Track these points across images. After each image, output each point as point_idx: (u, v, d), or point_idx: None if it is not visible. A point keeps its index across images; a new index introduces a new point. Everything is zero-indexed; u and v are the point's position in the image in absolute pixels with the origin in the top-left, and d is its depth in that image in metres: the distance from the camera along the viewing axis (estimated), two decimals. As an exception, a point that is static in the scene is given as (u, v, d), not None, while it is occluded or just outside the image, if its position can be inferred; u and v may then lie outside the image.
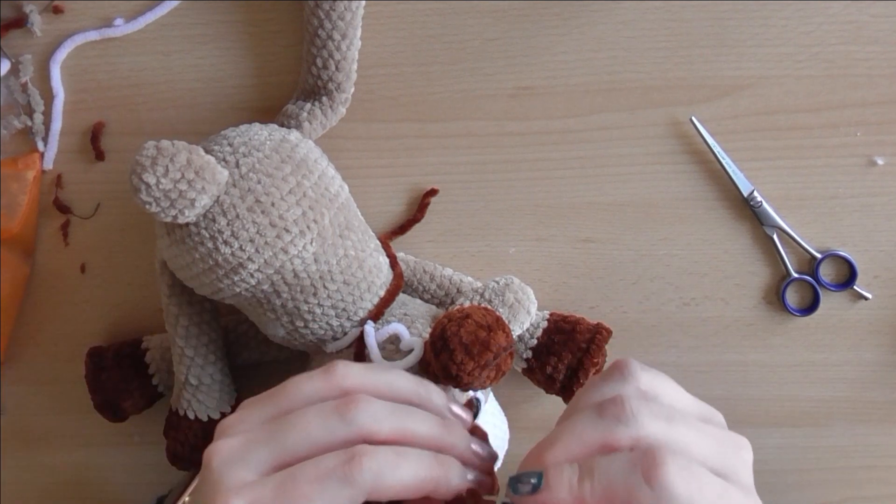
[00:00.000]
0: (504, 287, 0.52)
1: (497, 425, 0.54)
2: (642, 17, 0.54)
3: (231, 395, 0.55)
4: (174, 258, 0.48)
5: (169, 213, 0.45)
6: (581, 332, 0.53)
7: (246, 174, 0.46)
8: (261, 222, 0.46)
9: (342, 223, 0.49)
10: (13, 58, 0.56)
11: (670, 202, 0.56)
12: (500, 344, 0.45)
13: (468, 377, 0.45)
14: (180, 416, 0.54)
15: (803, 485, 0.59)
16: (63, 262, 0.58)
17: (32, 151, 0.57)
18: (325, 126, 0.53)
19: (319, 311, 0.49)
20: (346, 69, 0.52)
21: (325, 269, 0.48)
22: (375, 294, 0.51)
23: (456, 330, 0.45)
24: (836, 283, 0.57)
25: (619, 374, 0.39)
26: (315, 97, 0.53)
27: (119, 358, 0.56)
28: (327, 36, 0.51)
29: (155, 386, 0.56)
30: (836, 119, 0.55)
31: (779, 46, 0.55)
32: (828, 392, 0.58)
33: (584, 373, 0.53)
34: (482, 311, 0.46)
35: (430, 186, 0.56)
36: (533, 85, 0.55)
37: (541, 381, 0.54)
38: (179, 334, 0.52)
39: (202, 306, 0.52)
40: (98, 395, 0.56)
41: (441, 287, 0.55)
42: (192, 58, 0.56)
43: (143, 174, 0.44)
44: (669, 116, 0.55)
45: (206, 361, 0.53)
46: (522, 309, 0.52)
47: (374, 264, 0.51)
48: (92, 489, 0.61)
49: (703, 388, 0.58)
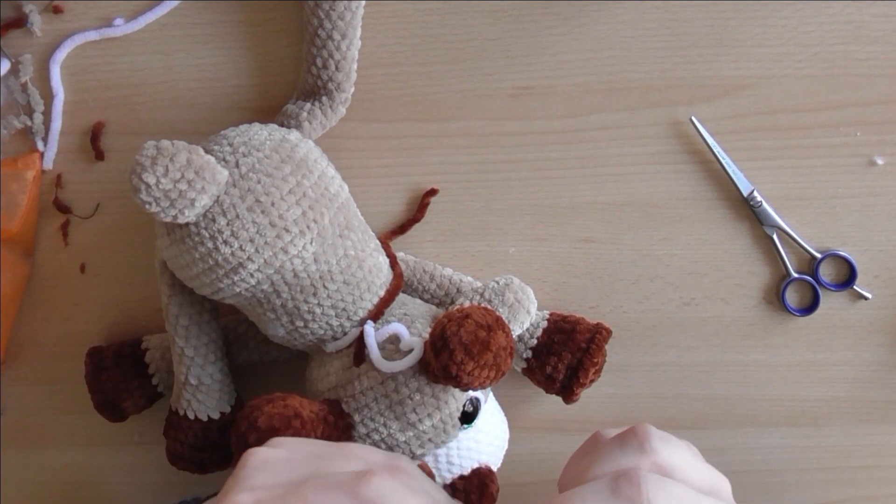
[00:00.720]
0: (504, 287, 0.52)
1: (497, 425, 0.54)
2: (642, 17, 0.54)
3: (231, 394, 0.55)
4: (174, 258, 0.48)
5: (169, 212, 0.45)
6: (581, 331, 0.53)
7: (246, 174, 0.46)
8: (261, 222, 0.46)
9: (342, 223, 0.49)
10: (13, 58, 0.56)
11: (670, 202, 0.56)
12: (499, 343, 0.45)
13: (468, 377, 0.45)
14: (180, 416, 0.54)
15: (803, 485, 0.59)
16: (63, 262, 0.58)
17: (32, 151, 0.57)
18: (324, 126, 0.53)
19: (319, 311, 0.49)
20: (346, 69, 0.52)
21: (325, 268, 0.48)
22: (375, 294, 0.51)
23: (456, 330, 0.45)
24: (836, 282, 0.57)
25: (636, 442, 0.38)
26: (315, 97, 0.53)
27: (119, 358, 0.56)
28: (327, 36, 0.51)
29: (155, 386, 0.56)
30: (836, 119, 0.55)
31: (779, 46, 0.55)
32: (828, 392, 0.58)
33: (584, 373, 0.53)
34: (482, 311, 0.46)
35: (430, 186, 0.56)
36: (533, 85, 0.55)
37: (541, 382, 0.54)
38: (179, 334, 0.52)
39: (202, 306, 0.52)
40: (98, 395, 0.56)
41: (441, 287, 0.55)
42: (192, 58, 0.56)
43: (142, 174, 0.44)
44: (669, 116, 0.55)
45: (205, 361, 0.53)
46: (522, 309, 0.52)
47: (374, 264, 0.51)
48: (92, 489, 0.61)
49: (703, 388, 0.58)
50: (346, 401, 0.49)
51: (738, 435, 0.59)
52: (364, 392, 0.49)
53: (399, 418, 0.48)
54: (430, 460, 0.51)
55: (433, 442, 0.50)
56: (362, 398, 0.49)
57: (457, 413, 0.49)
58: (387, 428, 0.49)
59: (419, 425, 0.49)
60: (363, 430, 0.49)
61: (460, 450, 0.51)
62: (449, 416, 0.49)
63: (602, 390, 0.58)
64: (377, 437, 0.49)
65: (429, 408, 0.48)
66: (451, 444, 0.50)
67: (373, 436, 0.49)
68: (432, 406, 0.48)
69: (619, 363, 0.58)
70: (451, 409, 0.49)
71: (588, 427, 0.58)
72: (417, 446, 0.49)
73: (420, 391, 0.48)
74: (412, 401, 0.48)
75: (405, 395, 0.48)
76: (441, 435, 0.49)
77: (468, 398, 0.50)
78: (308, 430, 0.45)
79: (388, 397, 0.48)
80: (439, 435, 0.49)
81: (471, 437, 0.51)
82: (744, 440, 0.59)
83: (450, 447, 0.51)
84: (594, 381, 0.54)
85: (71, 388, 0.59)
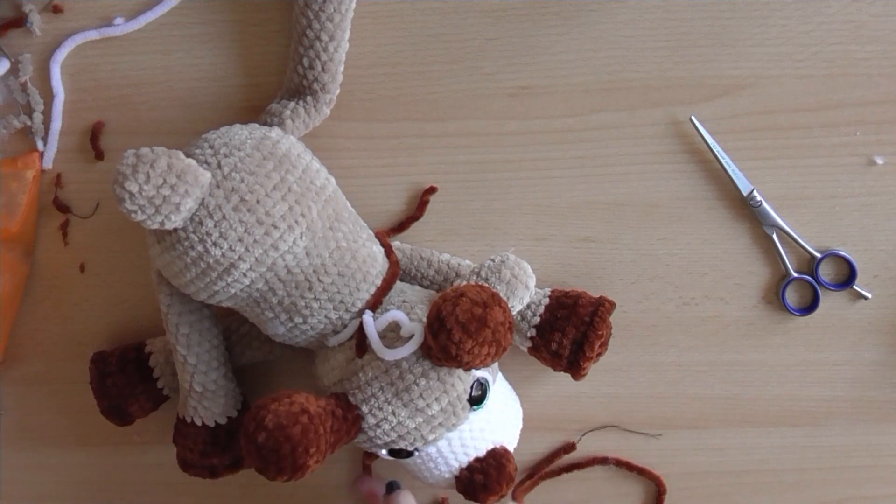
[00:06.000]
0: (500, 264, 0.51)
1: (509, 404, 0.54)
2: (642, 17, 0.55)
3: (237, 398, 0.54)
4: (167, 266, 0.48)
5: (155, 219, 0.45)
6: (583, 305, 0.53)
7: (228, 174, 0.46)
8: (248, 220, 0.46)
9: (331, 215, 0.49)
10: (13, 57, 0.56)
11: (670, 202, 0.56)
12: (497, 319, 0.45)
13: (468, 356, 0.44)
14: (188, 424, 0.53)
15: (803, 484, 0.59)
16: (63, 262, 0.58)
17: (32, 151, 0.57)
18: (307, 125, 0.53)
19: (317, 306, 0.49)
20: (332, 70, 0.52)
21: (318, 262, 0.48)
22: (372, 283, 0.50)
23: (451, 309, 0.44)
24: (836, 282, 0.57)
25: None
26: (300, 96, 0.53)
27: (123, 363, 0.55)
28: (315, 37, 0.51)
29: (160, 389, 0.56)
30: (836, 119, 0.55)
31: (779, 46, 0.55)
32: (828, 392, 0.58)
33: (590, 346, 0.52)
34: (477, 289, 0.46)
35: (427, 187, 0.56)
36: (532, 84, 0.55)
37: (547, 360, 0.53)
38: (180, 343, 0.52)
39: (201, 313, 0.52)
40: (104, 401, 0.56)
41: (439, 272, 0.55)
42: (191, 57, 0.56)
43: (125, 183, 0.44)
44: (669, 116, 0.55)
45: (209, 368, 0.52)
46: (520, 284, 0.51)
47: (368, 254, 0.51)
48: (92, 489, 0.61)
49: (703, 388, 0.58)
50: (352, 393, 0.49)
51: (738, 435, 0.59)
52: (369, 382, 0.48)
53: (407, 405, 0.48)
54: (444, 444, 0.50)
55: (444, 426, 0.49)
56: (368, 388, 0.48)
57: (465, 395, 0.49)
58: (396, 416, 0.48)
59: (428, 410, 0.48)
60: (372, 420, 0.48)
61: (473, 431, 0.50)
62: (457, 398, 0.49)
63: (602, 390, 0.58)
64: (387, 426, 0.48)
65: (435, 392, 0.48)
66: (464, 426, 0.50)
67: (382, 425, 0.48)
68: (439, 390, 0.48)
69: (619, 363, 0.58)
70: (459, 392, 0.49)
71: (588, 427, 0.58)
72: (428, 431, 0.49)
73: (425, 376, 0.48)
74: (418, 386, 0.48)
75: (411, 382, 0.48)
76: (451, 418, 0.49)
77: (475, 379, 0.49)
78: (316, 425, 0.44)
79: (393, 385, 0.48)
80: (449, 418, 0.49)
81: (482, 418, 0.50)
82: (744, 440, 0.59)
83: (462, 430, 0.50)
84: (601, 354, 0.54)
85: (71, 388, 0.59)
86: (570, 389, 0.57)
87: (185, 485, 0.60)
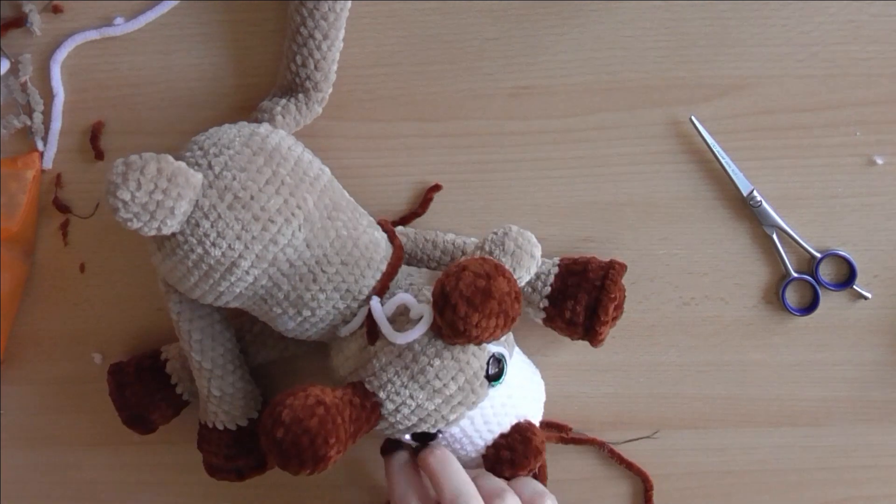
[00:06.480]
0: (503, 236, 0.50)
1: (529, 377, 0.53)
2: (642, 17, 0.55)
3: (257, 399, 0.54)
4: (170, 272, 0.48)
5: (151, 225, 0.45)
6: (593, 269, 0.52)
7: (220, 173, 0.46)
8: (244, 217, 0.46)
9: (328, 205, 0.49)
10: (13, 57, 0.56)
11: (670, 202, 0.56)
12: (502, 289, 0.44)
13: (476, 329, 0.44)
14: (210, 429, 0.53)
15: (803, 485, 0.59)
16: (63, 262, 0.58)
17: (32, 151, 0.57)
18: (298, 123, 0.53)
19: (323, 297, 0.49)
20: (325, 69, 0.52)
21: (320, 252, 0.48)
22: (377, 269, 0.50)
23: (455, 284, 0.44)
24: (836, 282, 0.57)
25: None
26: (291, 94, 0.53)
27: (140, 371, 0.55)
28: (308, 35, 0.51)
29: (180, 395, 0.55)
30: (836, 119, 0.55)
31: (779, 46, 0.55)
32: (828, 392, 0.58)
33: (604, 310, 0.51)
34: (479, 261, 0.45)
35: (431, 184, 0.56)
36: (532, 84, 0.55)
37: (563, 329, 0.53)
38: (194, 349, 0.52)
39: (212, 317, 0.52)
40: (125, 412, 0.55)
41: (445, 252, 0.54)
42: (191, 58, 0.56)
43: (117, 192, 0.44)
44: (669, 116, 0.55)
45: (224, 371, 0.52)
46: (525, 254, 0.50)
47: (370, 240, 0.50)
48: (92, 489, 0.61)
49: (703, 388, 0.58)
50: (368, 380, 0.48)
51: (738, 435, 0.59)
52: (384, 368, 0.48)
53: (423, 387, 0.47)
54: (467, 423, 0.50)
55: (463, 404, 0.49)
56: (383, 374, 0.48)
57: (481, 371, 0.48)
58: (414, 399, 0.48)
59: (445, 390, 0.48)
60: (391, 406, 0.48)
61: (494, 408, 0.50)
62: (474, 375, 0.48)
63: (602, 390, 0.58)
64: (406, 410, 0.48)
65: (451, 371, 0.47)
66: (484, 403, 0.49)
67: (402, 410, 0.48)
68: (454, 368, 0.47)
69: (619, 363, 0.58)
70: (475, 369, 0.48)
71: (588, 427, 0.58)
72: (448, 412, 0.48)
73: (439, 356, 0.47)
74: (433, 367, 0.47)
75: (425, 364, 0.47)
76: (470, 396, 0.48)
77: (490, 355, 0.49)
78: (334, 416, 0.44)
79: (408, 368, 0.47)
80: (468, 396, 0.48)
81: (503, 393, 0.50)
82: (744, 440, 0.59)
83: (483, 407, 0.49)
84: (617, 318, 0.53)
85: (71, 388, 0.59)
86: (570, 389, 0.57)
87: (187, 485, 0.60)
